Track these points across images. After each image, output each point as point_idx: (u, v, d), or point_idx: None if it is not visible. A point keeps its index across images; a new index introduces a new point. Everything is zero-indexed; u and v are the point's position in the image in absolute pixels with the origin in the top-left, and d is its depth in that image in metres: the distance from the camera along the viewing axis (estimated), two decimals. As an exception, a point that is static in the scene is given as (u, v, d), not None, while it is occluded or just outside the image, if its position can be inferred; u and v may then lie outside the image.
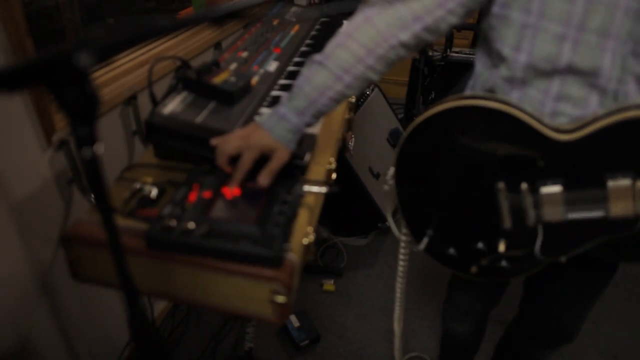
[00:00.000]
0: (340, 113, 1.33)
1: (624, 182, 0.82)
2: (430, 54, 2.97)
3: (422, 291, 2.22)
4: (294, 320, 1.99)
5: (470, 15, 0.90)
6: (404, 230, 1.17)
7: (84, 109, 0.51)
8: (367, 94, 2.51)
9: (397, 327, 1.53)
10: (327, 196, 1.05)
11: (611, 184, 0.83)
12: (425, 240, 1.07)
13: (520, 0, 0.83)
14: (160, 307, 1.92)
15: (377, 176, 2.41)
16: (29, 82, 0.49)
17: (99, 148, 0.55)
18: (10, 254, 1.13)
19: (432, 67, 2.98)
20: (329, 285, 2.23)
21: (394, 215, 1.20)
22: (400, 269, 1.34)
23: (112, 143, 1.44)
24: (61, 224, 1.27)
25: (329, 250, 2.44)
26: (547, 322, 1.24)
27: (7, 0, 0.95)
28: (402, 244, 1.23)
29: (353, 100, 1.47)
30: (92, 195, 1.06)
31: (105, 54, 0.45)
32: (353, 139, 2.15)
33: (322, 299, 2.18)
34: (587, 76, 0.82)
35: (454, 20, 0.88)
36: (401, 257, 1.31)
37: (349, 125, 1.49)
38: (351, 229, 2.50)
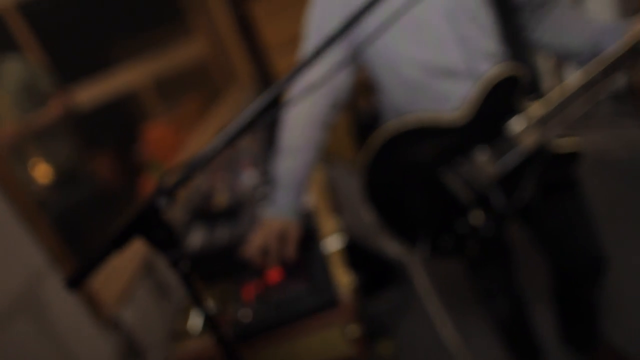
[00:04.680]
0: (318, 182, 1.58)
1: (520, 122, 1.08)
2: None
3: (466, 307, 2.33)
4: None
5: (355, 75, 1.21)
6: (406, 250, 1.35)
7: (167, 239, 0.71)
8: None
9: (451, 340, 1.63)
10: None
11: (513, 128, 1.09)
12: (421, 246, 1.25)
13: (376, 60, 1.13)
14: None
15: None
16: (130, 236, 0.69)
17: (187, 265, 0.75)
18: None
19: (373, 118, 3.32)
20: (386, 347, 2.31)
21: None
22: (424, 285, 1.50)
23: (149, 305, 1.59)
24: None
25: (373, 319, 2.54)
26: (567, 255, 1.37)
27: (38, 225, 1.17)
28: (414, 263, 1.41)
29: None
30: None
31: (175, 191, 0.67)
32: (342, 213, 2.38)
33: (386, 362, 2.24)
34: (451, 64, 1.08)
35: (348, 82, 1.18)
36: (419, 274, 1.47)
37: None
38: (379, 286, 2.65)
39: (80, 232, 1.82)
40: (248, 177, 1.60)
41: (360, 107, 3.40)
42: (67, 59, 2.36)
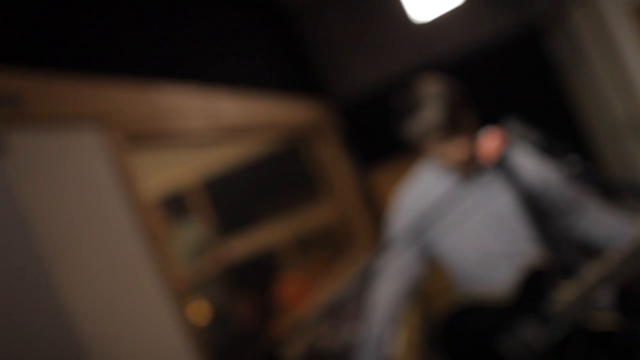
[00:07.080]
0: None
1: (561, 299, 1.22)
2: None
3: None
4: None
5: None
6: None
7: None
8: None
9: None
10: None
11: (556, 304, 1.22)
12: None
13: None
14: None
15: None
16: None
17: None
18: None
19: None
20: None
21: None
22: None
23: None
24: None
25: None
26: None
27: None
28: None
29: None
30: None
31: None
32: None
33: None
34: (494, 256, 1.31)
35: (416, 270, 1.40)
36: None
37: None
38: None
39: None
40: (346, 332, 1.82)
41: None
42: (228, 219, 3.24)
